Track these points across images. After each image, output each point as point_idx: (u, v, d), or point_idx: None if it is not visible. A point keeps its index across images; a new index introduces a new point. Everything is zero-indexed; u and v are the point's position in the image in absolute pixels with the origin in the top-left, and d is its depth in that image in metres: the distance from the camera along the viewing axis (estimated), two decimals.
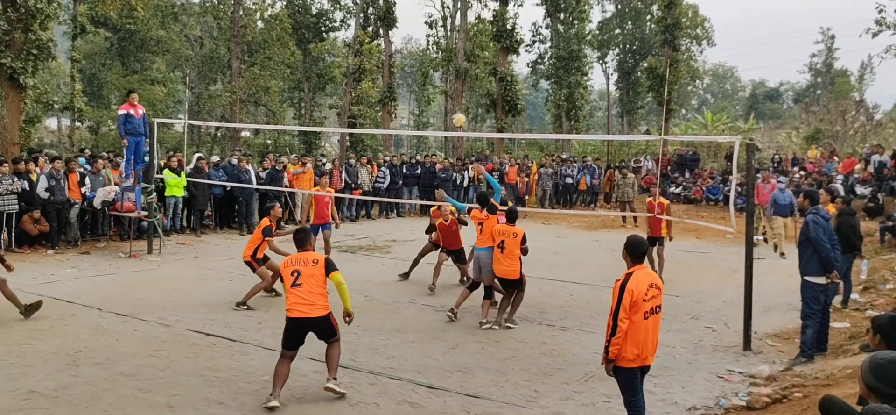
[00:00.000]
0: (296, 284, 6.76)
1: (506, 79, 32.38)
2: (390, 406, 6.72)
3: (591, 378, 7.55)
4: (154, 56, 36.02)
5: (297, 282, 6.76)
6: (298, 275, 6.78)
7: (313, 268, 6.79)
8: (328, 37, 37.60)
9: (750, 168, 9.39)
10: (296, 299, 6.74)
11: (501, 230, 9.67)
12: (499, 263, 9.61)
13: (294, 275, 6.80)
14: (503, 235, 9.59)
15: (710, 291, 12.42)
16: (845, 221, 10.79)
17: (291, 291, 6.78)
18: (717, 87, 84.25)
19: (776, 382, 7.40)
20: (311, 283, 6.75)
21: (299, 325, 6.78)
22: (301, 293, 6.73)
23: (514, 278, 9.66)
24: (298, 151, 32.08)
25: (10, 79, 17.54)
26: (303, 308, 6.71)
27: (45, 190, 14.63)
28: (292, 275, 6.80)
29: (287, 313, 6.81)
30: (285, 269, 6.91)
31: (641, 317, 5.48)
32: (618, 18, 48.33)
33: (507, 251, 9.51)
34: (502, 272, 9.64)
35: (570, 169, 26.70)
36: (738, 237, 12.37)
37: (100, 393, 6.79)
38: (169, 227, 17.09)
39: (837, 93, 47.79)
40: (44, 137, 35.74)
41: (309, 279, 6.75)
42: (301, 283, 6.75)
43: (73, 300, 10.50)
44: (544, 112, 52.82)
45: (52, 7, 17.98)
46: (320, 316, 6.77)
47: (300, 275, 6.77)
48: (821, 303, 8.35)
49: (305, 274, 6.76)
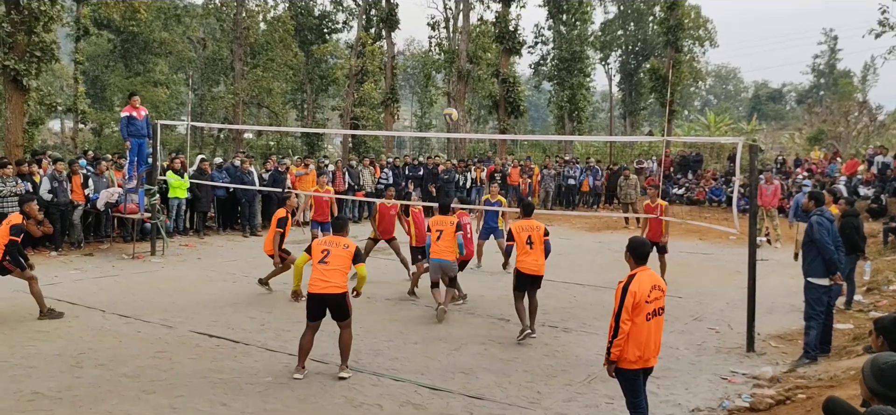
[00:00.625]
0: (323, 261, 7.35)
1: (508, 80, 32.39)
2: (393, 408, 6.72)
3: (594, 380, 7.55)
4: (157, 58, 36.05)
5: (324, 259, 7.36)
6: (328, 254, 7.38)
7: (343, 251, 7.43)
8: (331, 38, 37.67)
9: (753, 169, 9.38)
10: (318, 275, 7.32)
11: (524, 225, 9.22)
12: (528, 256, 9.07)
13: (324, 253, 7.41)
14: (529, 231, 9.15)
15: (713, 292, 12.40)
16: (849, 223, 10.77)
17: (317, 266, 7.36)
18: (720, 89, 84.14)
19: (779, 383, 7.39)
20: (337, 262, 7.34)
21: (319, 299, 7.33)
22: (325, 270, 7.31)
23: (541, 274, 9.22)
24: (301, 152, 32.12)
25: (14, 81, 17.58)
26: (322, 284, 7.28)
27: (48, 192, 14.65)
28: (322, 252, 7.42)
29: (309, 287, 7.35)
30: (317, 246, 7.53)
31: (644, 318, 5.48)
32: (620, 20, 48.27)
33: (535, 247, 9.10)
34: (531, 268, 9.08)
35: (572, 170, 26.68)
36: (741, 238, 12.36)
37: (103, 394, 6.79)
38: (172, 228, 17.10)
39: (840, 94, 47.69)
40: (47, 139, 35.77)
41: (336, 259, 7.35)
42: (328, 261, 7.34)
43: (77, 302, 10.51)
44: (547, 113, 52.78)
45: (55, 9, 18.02)
46: (338, 293, 7.32)
47: (329, 254, 7.37)
48: (824, 304, 8.34)
49: (334, 254, 7.38)
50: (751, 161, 9.45)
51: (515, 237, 9.17)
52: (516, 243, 9.16)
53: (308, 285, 7.43)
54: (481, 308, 10.76)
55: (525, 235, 9.12)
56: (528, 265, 9.08)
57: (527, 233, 9.13)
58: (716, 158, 31.12)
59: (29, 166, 15.15)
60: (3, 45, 17.16)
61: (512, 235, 9.25)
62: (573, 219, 23.34)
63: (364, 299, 10.99)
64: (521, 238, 9.12)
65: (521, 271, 9.12)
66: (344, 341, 7.52)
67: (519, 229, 9.18)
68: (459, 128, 30.07)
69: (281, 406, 6.65)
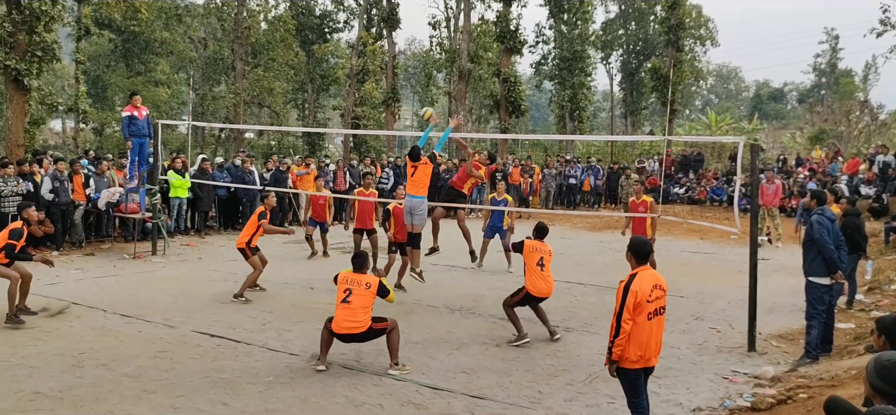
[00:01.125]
0: (345, 301, 7.55)
1: (509, 80, 32.36)
2: (394, 407, 6.72)
3: (596, 379, 7.54)
4: (158, 58, 36.07)
5: (347, 299, 7.55)
6: (350, 293, 7.56)
7: (365, 291, 7.59)
8: (332, 38, 37.67)
9: (754, 169, 9.37)
10: (343, 315, 7.55)
11: (537, 246, 9.09)
12: (541, 280, 8.99)
13: (346, 292, 7.58)
14: (542, 253, 9.05)
15: (714, 292, 12.40)
16: (850, 222, 10.76)
17: (341, 305, 7.56)
18: (721, 88, 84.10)
19: (781, 383, 7.38)
20: (360, 302, 7.54)
21: (342, 338, 7.66)
22: (349, 310, 7.53)
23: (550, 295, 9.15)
24: (302, 152, 32.12)
25: (15, 80, 17.59)
26: (347, 325, 7.54)
27: (49, 191, 14.67)
28: (345, 291, 7.59)
29: (333, 325, 7.61)
30: (341, 284, 7.67)
31: (645, 318, 5.47)
32: (621, 19, 48.24)
33: (547, 269, 9.04)
34: (542, 291, 9.00)
35: (573, 170, 26.68)
36: (742, 238, 12.35)
37: (104, 394, 6.80)
38: (173, 228, 17.12)
39: (842, 93, 47.63)
40: (48, 138, 35.78)
41: (359, 299, 7.54)
42: (351, 301, 7.54)
43: (78, 302, 10.52)
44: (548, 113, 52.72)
45: (56, 9, 18.02)
46: (362, 331, 7.58)
47: (352, 294, 7.55)
48: (825, 304, 8.34)
49: (356, 293, 7.56)
50: (752, 160, 9.43)
51: (526, 258, 9.02)
52: (526, 264, 9.01)
53: (333, 321, 7.63)
54: (482, 308, 10.76)
55: (537, 257, 9.01)
56: (539, 288, 8.99)
57: (539, 255, 9.03)
58: (717, 157, 31.11)
59: (30, 166, 15.17)
60: (5, 44, 17.18)
61: (521, 247, 9.10)
62: (574, 218, 23.34)
63: None
64: (533, 259, 8.99)
65: (531, 294, 9.02)
66: (391, 342, 7.76)
67: (531, 250, 9.05)
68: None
69: (282, 406, 6.66)
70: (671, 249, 17.19)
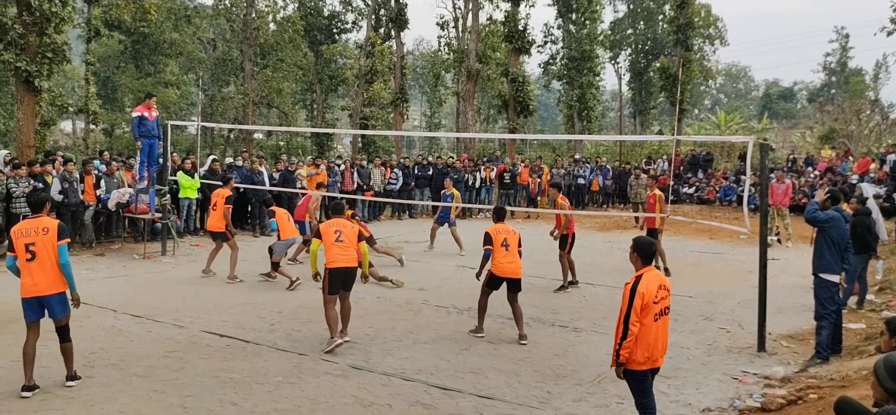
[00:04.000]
0: (339, 240, 8.47)
1: (517, 79, 32.36)
2: (403, 407, 6.73)
3: (604, 380, 7.53)
4: (167, 59, 36.22)
5: (339, 239, 8.48)
6: (340, 234, 8.50)
7: (351, 230, 8.67)
8: (340, 39, 37.76)
9: (763, 168, 9.33)
10: (338, 252, 8.44)
11: (500, 229, 9.31)
12: (505, 259, 9.14)
13: (337, 234, 8.51)
14: (505, 234, 9.25)
15: (723, 292, 12.35)
16: (860, 222, 10.71)
17: (334, 245, 8.44)
18: (731, 87, 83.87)
19: (791, 383, 7.35)
20: (350, 239, 8.56)
21: (342, 273, 8.44)
22: (342, 247, 8.46)
23: (518, 277, 9.29)
24: (311, 152, 32.18)
25: (26, 82, 17.70)
26: (343, 259, 8.44)
27: (59, 192, 14.74)
28: (335, 233, 8.51)
29: (329, 264, 8.38)
30: (328, 228, 8.58)
31: (652, 319, 5.46)
32: (630, 18, 48.18)
33: (511, 250, 9.21)
34: (507, 271, 9.16)
35: (582, 170, 26.64)
36: (752, 238, 12.30)
37: (114, 394, 6.83)
38: (182, 229, 17.18)
39: (852, 92, 47.40)
40: (58, 139, 35.97)
41: (348, 237, 8.54)
42: (343, 239, 8.49)
43: (88, 302, 10.53)
44: (556, 113, 52.70)
45: (66, 11, 18.12)
46: (355, 266, 8.62)
47: (342, 233, 8.51)
48: (836, 303, 8.31)
49: (346, 233, 8.55)
50: (761, 160, 9.40)
51: (493, 240, 9.20)
52: (494, 247, 9.19)
53: (328, 262, 8.39)
54: (491, 308, 10.71)
55: (501, 239, 9.22)
56: (504, 268, 9.16)
57: (503, 236, 9.24)
58: (726, 157, 31.00)
59: (41, 167, 15.24)
60: (15, 46, 17.28)
61: (489, 238, 9.21)
62: (583, 219, 23.28)
63: (374, 300, 11.08)
64: (498, 241, 9.20)
65: (496, 274, 9.21)
66: (346, 308, 8.72)
67: (495, 233, 9.26)
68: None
69: (291, 406, 6.67)
70: (680, 249, 17.13)
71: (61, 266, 6.76)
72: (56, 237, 6.76)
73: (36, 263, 6.71)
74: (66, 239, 6.87)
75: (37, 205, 7.01)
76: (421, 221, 22.42)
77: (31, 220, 6.94)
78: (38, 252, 6.70)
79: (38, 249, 6.71)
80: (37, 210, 6.98)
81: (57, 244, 6.75)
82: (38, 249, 6.71)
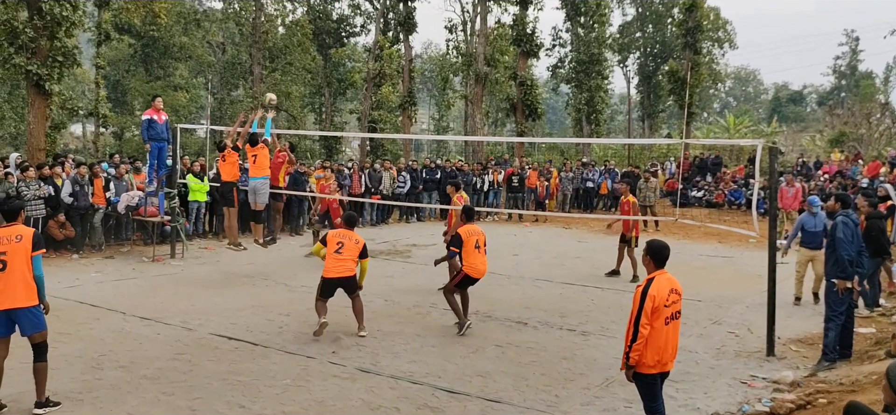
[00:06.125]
0: (338, 251, 8.99)
1: (526, 83, 32.34)
2: (410, 410, 6.73)
3: (612, 383, 7.51)
4: (177, 62, 36.38)
5: (339, 250, 9.00)
6: (342, 246, 9.02)
7: (355, 245, 9.08)
8: (349, 42, 37.78)
9: (773, 172, 9.30)
10: (334, 263, 8.97)
11: (471, 230, 9.41)
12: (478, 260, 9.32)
13: (339, 244, 9.04)
14: (477, 235, 9.37)
15: (732, 296, 12.30)
16: (874, 224, 10.63)
17: (333, 255, 8.99)
18: (740, 91, 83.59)
19: (800, 388, 7.32)
20: (350, 253, 9.02)
21: (334, 282, 9.02)
22: (340, 259, 8.98)
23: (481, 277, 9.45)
24: (320, 155, 32.24)
25: (36, 85, 17.79)
26: (338, 269, 8.97)
27: (69, 195, 14.82)
28: (337, 244, 9.04)
29: (325, 273, 9.00)
30: (332, 238, 9.12)
31: (662, 323, 5.44)
32: (638, 22, 48.12)
33: (482, 250, 9.38)
34: (481, 271, 9.38)
35: (591, 173, 26.60)
36: (761, 242, 12.25)
37: (123, 396, 6.86)
38: (191, 231, 17.24)
39: (862, 95, 47.16)
40: (69, 142, 36.18)
41: (349, 250, 9.02)
42: (342, 252, 8.99)
43: (98, 304, 10.62)
44: (565, 116, 52.64)
45: (77, 15, 18.21)
46: (349, 276, 9.07)
47: (344, 246, 9.01)
48: (845, 306, 8.26)
49: (347, 246, 9.03)
50: (770, 163, 9.36)
51: (464, 242, 9.30)
52: (465, 248, 9.28)
53: (324, 271, 9.00)
54: (499, 311, 10.74)
55: (473, 240, 9.35)
56: (478, 268, 9.37)
57: (475, 237, 9.38)
58: (736, 160, 30.88)
59: (51, 170, 15.33)
60: (26, 50, 17.38)
61: (459, 240, 9.32)
62: (591, 222, 23.25)
63: (382, 303, 11.09)
64: (470, 242, 9.31)
65: (470, 275, 9.36)
66: (357, 307, 9.21)
67: (467, 234, 9.36)
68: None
69: (299, 409, 6.68)
70: (689, 252, 17.09)
71: (36, 279, 6.38)
72: (30, 247, 6.35)
73: (6, 274, 6.25)
74: (41, 250, 6.47)
75: (11, 213, 6.63)
76: (429, 225, 22.44)
77: (4, 228, 6.49)
78: (9, 262, 6.26)
79: (10, 259, 6.27)
80: (11, 218, 6.58)
81: (31, 255, 6.35)
82: (10, 259, 6.27)
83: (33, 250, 6.38)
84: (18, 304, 6.29)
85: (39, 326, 6.45)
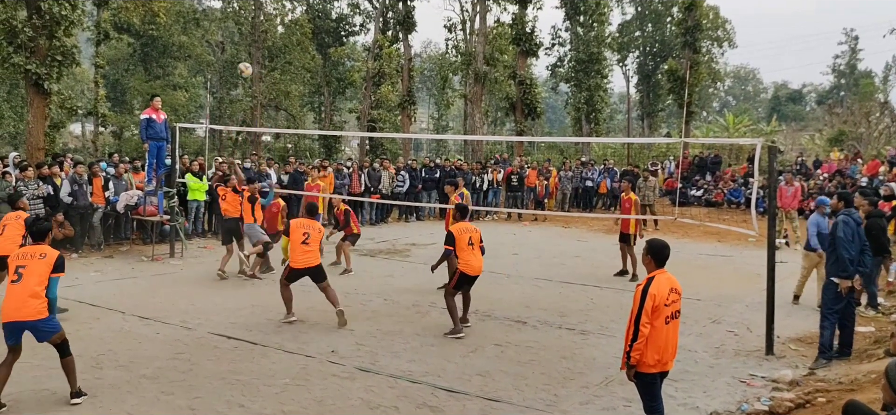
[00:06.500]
0: (305, 242, 9.49)
1: (525, 82, 32.33)
2: (410, 410, 6.73)
3: (612, 382, 7.52)
4: (176, 61, 36.37)
5: (306, 241, 9.49)
6: (308, 236, 9.51)
7: (319, 233, 9.72)
8: (348, 41, 37.80)
9: (772, 171, 9.30)
10: (302, 253, 9.49)
11: (463, 227, 9.37)
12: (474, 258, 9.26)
13: (305, 235, 9.51)
14: (469, 232, 9.32)
15: (731, 295, 12.31)
16: (875, 223, 10.61)
17: (300, 246, 9.48)
18: (739, 90, 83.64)
19: (799, 386, 7.32)
20: (317, 242, 9.62)
21: (303, 272, 9.57)
22: (308, 249, 9.50)
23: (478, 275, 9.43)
24: (319, 154, 32.24)
25: (35, 85, 17.79)
26: (306, 260, 9.52)
27: (68, 194, 14.81)
28: (303, 235, 9.51)
29: (293, 264, 9.54)
30: (297, 229, 9.56)
31: (662, 322, 5.44)
32: (638, 21, 48.11)
33: (476, 247, 9.32)
34: (475, 269, 9.31)
35: (590, 172, 26.60)
36: (760, 241, 12.26)
37: (123, 395, 6.86)
38: (190, 231, 17.24)
39: (861, 94, 47.16)
40: (68, 142, 36.15)
41: (315, 240, 9.60)
42: (309, 243, 9.52)
43: (97, 304, 10.62)
44: (564, 115, 52.68)
45: (76, 14, 18.21)
46: (317, 266, 9.62)
47: (310, 236, 9.52)
48: (841, 303, 8.26)
49: (313, 235, 9.58)
50: (770, 162, 9.36)
51: (456, 240, 9.25)
52: (458, 246, 9.23)
53: (292, 261, 9.55)
54: (498, 310, 10.75)
55: (466, 237, 9.28)
56: (473, 266, 9.30)
57: (467, 234, 9.31)
58: (735, 159, 30.89)
59: (50, 169, 15.32)
60: (25, 49, 17.38)
61: (452, 238, 9.27)
62: (590, 221, 23.27)
63: (382, 302, 11.09)
64: (464, 240, 9.25)
65: (466, 273, 9.29)
66: (331, 295, 9.63)
67: (459, 232, 9.31)
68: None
69: (298, 408, 6.68)
70: (688, 251, 17.09)
71: (49, 300, 6.43)
72: (51, 267, 6.45)
73: (20, 287, 6.35)
74: (61, 274, 6.55)
75: (40, 234, 6.81)
76: (428, 224, 22.44)
77: (30, 247, 6.75)
78: (25, 275, 6.37)
79: (27, 273, 6.38)
80: (39, 238, 6.77)
81: (50, 275, 6.43)
82: (27, 273, 6.38)
83: (54, 272, 6.48)
84: (26, 317, 6.35)
85: (53, 331, 6.54)
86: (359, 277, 13.35)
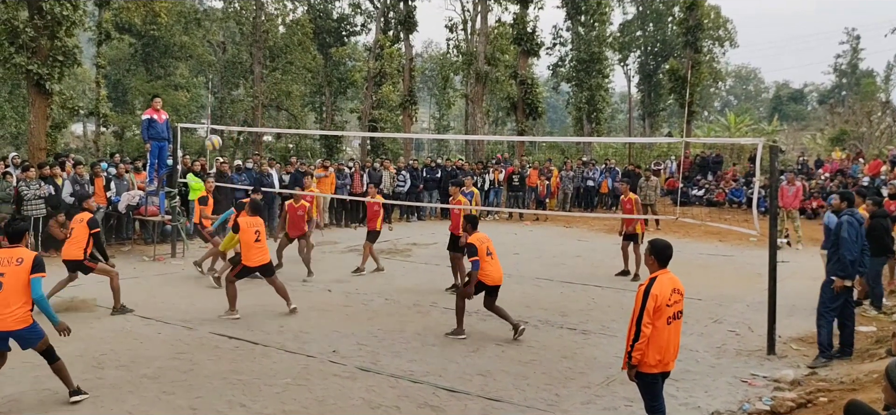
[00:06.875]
0: (257, 240, 9.96)
1: (526, 82, 32.33)
2: (411, 409, 6.73)
3: (613, 382, 7.51)
4: (177, 61, 36.35)
5: (258, 239, 9.97)
6: (259, 234, 10.01)
7: (265, 230, 10.33)
8: (349, 41, 37.79)
9: (773, 170, 9.28)
10: (256, 252, 9.95)
11: (481, 237, 9.17)
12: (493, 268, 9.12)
13: (256, 233, 9.99)
14: (487, 242, 9.15)
15: (733, 294, 12.30)
16: (878, 223, 10.60)
17: (254, 245, 9.92)
18: (741, 89, 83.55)
19: (801, 386, 7.32)
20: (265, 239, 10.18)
21: (255, 269, 10.05)
22: (260, 247, 9.99)
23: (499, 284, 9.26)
24: (320, 154, 32.23)
25: (37, 85, 17.80)
26: (261, 258, 10.01)
27: (70, 195, 14.82)
28: (255, 233, 9.98)
29: (246, 261, 9.94)
30: (249, 229, 9.97)
31: (664, 322, 5.43)
32: (639, 20, 48.07)
33: (494, 255, 9.18)
34: (497, 278, 9.17)
35: (591, 172, 26.59)
36: (761, 240, 12.24)
37: (124, 395, 6.86)
38: (192, 230, 17.22)
39: (863, 94, 47.10)
40: (69, 142, 36.16)
41: (264, 237, 10.16)
42: (261, 240, 10.01)
43: (98, 303, 10.62)
44: (565, 115, 52.65)
45: (77, 14, 18.22)
46: (268, 263, 10.17)
47: (260, 234, 10.03)
48: (838, 302, 8.25)
49: (263, 233, 10.13)
50: (771, 162, 9.35)
51: (478, 251, 8.98)
52: (480, 256, 9.00)
53: (244, 259, 9.95)
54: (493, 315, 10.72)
55: (484, 247, 9.10)
56: (493, 275, 9.13)
57: (485, 244, 9.14)
58: (736, 158, 30.87)
59: (51, 169, 15.33)
60: (27, 49, 17.39)
61: (474, 249, 8.98)
62: (591, 221, 23.26)
63: (383, 302, 11.09)
64: (483, 250, 9.05)
65: (488, 284, 9.12)
66: (279, 288, 10.22)
67: (479, 243, 9.07)
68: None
69: (299, 407, 6.68)
70: (689, 251, 17.06)
71: (36, 300, 6.30)
72: (29, 270, 6.24)
73: (1, 295, 6.17)
74: (42, 274, 6.33)
75: (15, 235, 6.53)
76: (430, 224, 22.44)
77: (5, 250, 6.43)
78: (5, 283, 6.17)
79: (7, 280, 6.18)
80: (15, 240, 6.50)
81: (30, 278, 6.24)
82: (7, 280, 6.18)
83: (33, 272, 6.28)
84: (9, 327, 6.23)
85: (36, 339, 6.41)
86: (360, 277, 13.37)
